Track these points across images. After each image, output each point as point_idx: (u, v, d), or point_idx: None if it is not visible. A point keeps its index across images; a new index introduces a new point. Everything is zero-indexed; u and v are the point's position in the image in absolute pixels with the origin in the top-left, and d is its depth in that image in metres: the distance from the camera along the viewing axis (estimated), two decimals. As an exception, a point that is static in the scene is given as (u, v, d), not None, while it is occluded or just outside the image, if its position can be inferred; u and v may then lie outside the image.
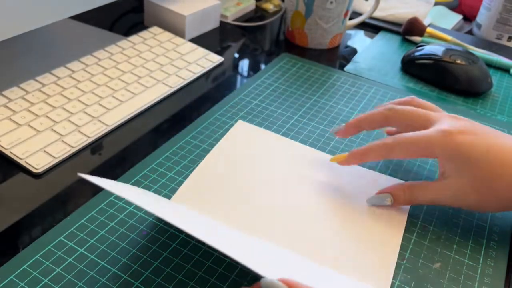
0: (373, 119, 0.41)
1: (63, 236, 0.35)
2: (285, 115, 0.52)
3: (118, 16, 0.70)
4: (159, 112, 0.50)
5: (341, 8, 0.64)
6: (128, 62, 0.55)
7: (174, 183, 0.41)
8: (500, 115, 0.57)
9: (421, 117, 0.40)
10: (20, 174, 0.41)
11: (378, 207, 0.41)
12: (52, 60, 0.56)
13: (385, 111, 0.40)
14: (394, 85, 0.60)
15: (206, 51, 0.61)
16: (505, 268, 0.37)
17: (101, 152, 0.44)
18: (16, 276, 0.32)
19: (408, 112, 0.40)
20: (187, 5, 0.65)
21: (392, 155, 0.39)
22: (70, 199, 0.39)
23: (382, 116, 0.40)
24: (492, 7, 0.74)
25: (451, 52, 0.60)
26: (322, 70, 0.62)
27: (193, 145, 0.46)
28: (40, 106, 0.46)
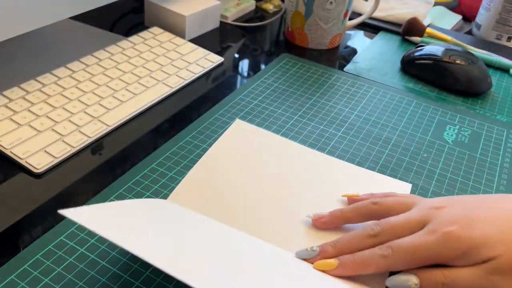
0: (357, 249, 0.35)
1: (63, 236, 0.36)
2: (285, 115, 0.52)
3: (118, 16, 0.70)
4: (159, 112, 0.51)
5: (341, 8, 0.64)
6: (128, 62, 0.55)
7: (174, 183, 0.41)
8: (499, 115, 0.57)
9: (411, 227, 0.35)
10: (20, 174, 0.41)
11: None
12: (52, 60, 0.56)
13: (369, 239, 0.35)
14: (394, 85, 0.61)
15: (206, 52, 0.61)
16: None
17: (102, 152, 0.44)
18: (16, 276, 0.32)
19: (394, 230, 0.35)
20: (187, 5, 0.65)
21: (394, 269, 0.34)
22: (70, 199, 0.39)
23: (368, 245, 0.35)
24: (492, 7, 0.74)
25: (450, 52, 0.61)
26: (322, 70, 0.62)
27: (193, 145, 0.46)
28: (41, 106, 0.46)
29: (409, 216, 0.35)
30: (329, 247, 0.35)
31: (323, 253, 0.35)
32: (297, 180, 0.43)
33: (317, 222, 0.38)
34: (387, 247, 0.34)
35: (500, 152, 0.50)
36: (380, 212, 0.37)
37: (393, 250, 0.33)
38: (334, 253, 0.35)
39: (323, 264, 0.35)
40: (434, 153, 0.49)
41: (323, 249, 0.35)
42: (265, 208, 0.39)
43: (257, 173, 0.43)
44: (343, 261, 0.34)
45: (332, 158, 0.46)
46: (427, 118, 0.55)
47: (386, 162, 0.47)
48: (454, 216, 0.34)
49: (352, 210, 0.38)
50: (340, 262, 0.34)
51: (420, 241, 0.33)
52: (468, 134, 0.53)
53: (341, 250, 0.35)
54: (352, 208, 0.38)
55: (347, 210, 0.38)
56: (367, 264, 0.34)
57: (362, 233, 0.35)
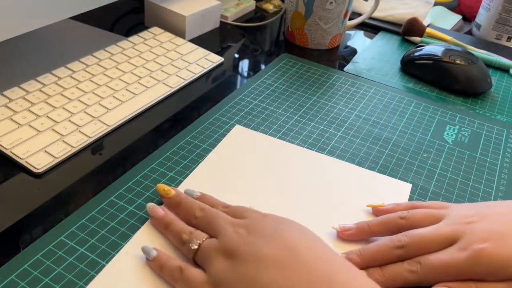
0: (383, 259, 0.35)
1: (63, 235, 0.36)
2: (285, 115, 0.52)
3: (118, 16, 0.70)
4: (160, 112, 0.51)
5: (341, 8, 0.65)
6: (128, 63, 0.55)
7: (174, 183, 0.41)
8: (499, 115, 0.57)
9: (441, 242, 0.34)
10: (21, 174, 0.41)
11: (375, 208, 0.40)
12: (52, 60, 0.56)
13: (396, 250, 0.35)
14: (394, 85, 0.61)
15: (206, 52, 0.61)
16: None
17: (102, 152, 0.44)
18: (17, 276, 0.32)
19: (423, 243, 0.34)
20: (187, 5, 0.65)
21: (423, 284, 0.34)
22: (70, 199, 0.39)
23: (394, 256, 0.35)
24: (492, 7, 0.74)
25: (450, 52, 0.61)
26: (322, 71, 0.62)
27: (193, 145, 0.46)
28: (41, 106, 0.46)
29: (438, 230, 0.35)
30: (355, 256, 0.35)
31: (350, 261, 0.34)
32: (297, 182, 0.43)
33: (343, 234, 0.37)
34: (416, 262, 0.33)
35: (500, 152, 0.50)
36: (408, 227, 0.36)
37: (422, 266, 0.33)
38: (360, 263, 0.35)
39: None
40: (434, 153, 0.49)
41: (349, 257, 0.35)
42: (266, 211, 0.39)
43: (257, 176, 0.43)
44: (372, 275, 0.34)
45: (332, 159, 0.46)
46: (427, 118, 0.55)
47: (386, 162, 0.47)
48: (486, 232, 0.33)
49: (379, 224, 0.37)
50: (368, 275, 0.34)
51: (451, 258, 0.32)
52: (468, 134, 0.53)
53: (367, 260, 0.35)
54: (379, 222, 0.37)
55: (374, 224, 0.37)
56: (395, 278, 0.33)
57: (389, 244, 0.35)
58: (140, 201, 0.39)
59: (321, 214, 0.40)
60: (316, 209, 0.40)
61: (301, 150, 0.47)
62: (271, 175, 0.43)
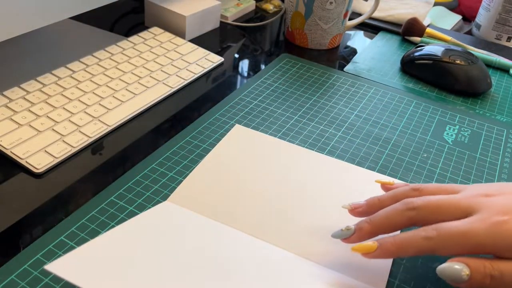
0: (395, 224, 0.33)
1: (63, 235, 0.36)
2: (285, 115, 0.52)
3: (118, 16, 0.70)
4: (160, 112, 0.51)
5: (341, 8, 0.65)
6: (128, 63, 0.55)
7: (174, 183, 0.41)
8: (499, 115, 0.57)
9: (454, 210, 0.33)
10: (21, 174, 0.41)
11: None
12: (52, 60, 0.56)
13: (407, 212, 0.33)
14: (394, 85, 0.61)
15: (206, 52, 0.61)
16: (504, 268, 0.37)
17: (102, 152, 0.44)
18: (17, 276, 0.32)
19: (435, 208, 0.33)
20: (187, 5, 0.65)
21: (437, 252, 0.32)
22: (70, 199, 0.39)
23: (406, 219, 0.33)
24: (492, 7, 0.74)
25: (450, 52, 0.61)
26: (322, 71, 0.62)
27: (193, 145, 0.46)
28: (41, 106, 0.46)
29: (455, 198, 0.33)
30: (365, 224, 0.33)
31: (359, 231, 0.33)
32: (297, 181, 0.43)
33: (354, 212, 0.36)
34: (432, 229, 0.31)
35: (500, 152, 0.50)
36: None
37: (439, 233, 0.31)
38: (370, 230, 0.33)
39: (362, 248, 0.33)
40: (434, 153, 0.49)
41: (359, 226, 0.33)
42: (266, 210, 0.39)
43: (257, 175, 0.43)
44: (383, 243, 0.32)
45: (332, 159, 0.46)
46: (427, 118, 0.55)
47: (386, 162, 0.47)
48: (506, 206, 0.31)
49: (390, 197, 0.35)
50: (379, 244, 0.32)
51: (471, 228, 0.30)
52: (468, 134, 0.53)
53: (377, 226, 0.33)
54: (390, 196, 0.36)
55: (385, 198, 0.36)
56: (408, 246, 0.31)
57: (399, 207, 0.33)
58: (140, 201, 0.39)
59: (321, 214, 0.40)
60: (316, 208, 0.40)
61: (301, 150, 0.47)
62: (271, 175, 0.43)
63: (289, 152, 0.46)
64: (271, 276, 0.33)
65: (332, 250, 0.36)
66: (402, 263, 0.37)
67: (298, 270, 0.34)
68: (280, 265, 0.34)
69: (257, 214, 0.39)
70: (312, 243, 0.37)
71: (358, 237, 0.34)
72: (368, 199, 0.36)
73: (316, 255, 0.36)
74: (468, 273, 0.30)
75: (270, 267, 0.34)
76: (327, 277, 0.34)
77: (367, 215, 0.35)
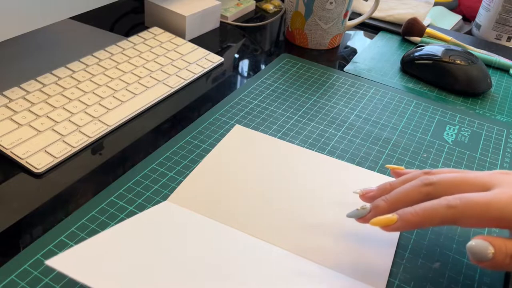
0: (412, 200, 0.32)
1: (64, 235, 0.36)
2: (285, 115, 0.52)
3: (118, 16, 0.70)
4: (160, 112, 0.51)
5: (341, 8, 0.65)
6: (128, 63, 0.55)
7: (174, 183, 0.41)
8: (499, 115, 0.57)
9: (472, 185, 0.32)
10: (21, 174, 0.41)
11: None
12: (52, 60, 0.56)
13: (424, 188, 0.32)
14: (394, 85, 0.61)
15: (206, 52, 0.61)
16: (504, 268, 0.37)
17: (102, 152, 0.44)
18: (17, 276, 0.32)
19: (453, 183, 0.32)
20: (187, 5, 0.65)
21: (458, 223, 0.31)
22: (70, 199, 0.39)
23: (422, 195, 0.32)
24: (492, 7, 0.74)
25: (450, 52, 0.61)
26: (322, 71, 0.62)
27: (193, 145, 0.46)
28: (41, 106, 0.46)
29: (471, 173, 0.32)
30: (381, 201, 0.33)
31: (375, 209, 0.33)
32: (297, 181, 0.43)
33: (365, 197, 0.36)
34: (455, 198, 0.30)
35: (500, 152, 0.50)
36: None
37: (462, 202, 0.30)
38: (387, 208, 0.32)
39: (381, 221, 0.31)
40: (434, 153, 0.49)
41: (375, 205, 0.33)
42: (266, 210, 0.39)
43: (257, 175, 0.43)
44: (403, 215, 0.31)
45: (332, 159, 0.46)
46: (427, 118, 0.55)
47: (386, 162, 0.47)
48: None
49: (402, 182, 0.35)
50: (399, 216, 0.31)
51: (493, 198, 0.30)
52: (468, 134, 0.53)
53: (394, 204, 0.32)
54: (402, 180, 0.35)
55: (396, 183, 0.35)
56: (431, 215, 0.30)
57: (416, 183, 0.32)
58: (140, 201, 0.39)
59: (321, 214, 0.40)
60: (316, 208, 0.40)
61: (301, 150, 0.47)
62: (271, 175, 0.43)
63: (289, 152, 0.46)
64: (270, 276, 0.33)
65: (332, 250, 0.36)
66: (402, 263, 0.37)
67: (298, 270, 0.34)
68: (280, 265, 0.34)
69: (257, 214, 0.39)
70: (312, 243, 0.37)
71: (374, 215, 0.33)
72: (380, 185, 0.36)
73: (316, 255, 0.36)
74: (493, 252, 0.30)
75: (270, 267, 0.34)
76: (327, 277, 0.34)
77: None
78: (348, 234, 0.38)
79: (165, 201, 0.39)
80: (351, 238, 0.38)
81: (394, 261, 0.37)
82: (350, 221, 0.39)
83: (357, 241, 0.37)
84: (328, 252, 0.36)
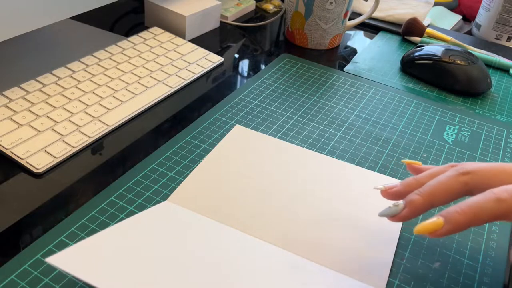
0: (450, 191, 0.29)
1: (64, 235, 0.36)
2: (285, 115, 0.52)
3: (118, 16, 0.70)
4: (160, 112, 0.51)
5: (341, 8, 0.65)
6: (128, 63, 0.55)
7: (174, 183, 0.41)
8: (499, 115, 0.57)
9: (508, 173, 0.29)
10: (21, 174, 0.41)
11: (375, 208, 0.40)
12: (52, 60, 0.56)
13: (461, 177, 0.30)
14: (394, 85, 0.61)
15: (206, 52, 0.61)
16: (504, 268, 0.37)
17: (102, 152, 0.44)
18: (17, 276, 0.32)
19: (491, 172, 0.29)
20: (187, 5, 0.65)
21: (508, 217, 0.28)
22: (71, 198, 0.39)
23: (461, 185, 0.29)
24: (492, 7, 0.74)
25: (450, 52, 0.61)
26: (322, 71, 0.62)
27: (193, 145, 0.46)
28: (41, 106, 0.46)
29: (506, 165, 0.29)
30: (415, 196, 0.30)
31: (410, 205, 0.30)
32: (297, 181, 0.43)
33: (388, 193, 0.33)
34: (502, 190, 0.27)
35: (500, 152, 0.50)
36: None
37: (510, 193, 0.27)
38: (423, 202, 0.29)
39: (427, 227, 0.28)
40: (434, 153, 0.49)
41: (409, 200, 0.30)
42: (266, 210, 0.39)
43: (257, 175, 0.43)
44: (449, 216, 0.28)
45: (332, 159, 0.46)
46: (427, 118, 0.55)
47: (386, 162, 0.47)
48: None
49: (429, 176, 0.32)
50: (446, 218, 0.28)
51: None
52: (468, 134, 0.53)
53: (430, 196, 0.29)
54: (428, 175, 0.32)
55: (422, 177, 0.32)
56: (480, 212, 0.27)
57: (451, 173, 0.29)
58: (140, 201, 0.39)
59: (321, 214, 0.40)
60: (316, 208, 0.40)
61: (301, 150, 0.47)
62: (271, 175, 0.43)
63: (289, 152, 0.46)
64: (270, 276, 0.33)
65: (332, 250, 0.36)
66: (402, 263, 0.37)
67: (298, 270, 0.34)
68: (280, 265, 0.34)
69: (257, 214, 0.39)
70: (312, 243, 0.37)
71: (410, 211, 0.30)
72: (404, 180, 0.33)
73: (316, 255, 0.36)
74: None
75: (270, 267, 0.34)
76: (327, 277, 0.34)
77: (402, 196, 0.32)
78: (348, 234, 0.38)
79: (165, 201, 0.39)
80: (351, 238, 0.38)
81: (394, 261, 0.37)
82: (350, 221, 0.39)
83: (357, 241, 0.37)
84: (328, 252, 0.36)
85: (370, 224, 0.39)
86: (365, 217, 0.40)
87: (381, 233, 0.38)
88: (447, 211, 0.28)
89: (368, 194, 0.42)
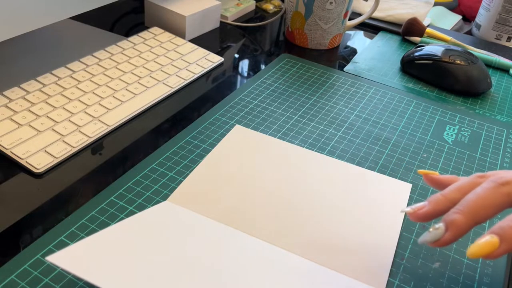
0: (494, 205, 0.27)
1: (64, 235, 0.36)
2: (285, 115, 0.52)
3: (118, 16, 0.70)
4: (160, 112, 0.51)
5: (341, 8, 0.65)
6: (128, 63, 0.55)
7: (174, 183, 0.41)
8: (499, 115, 0.57)
9: None
10: (21, 174, 0.41)
11: (375, 208, 0.41)
12: (52, 60, 0.56)
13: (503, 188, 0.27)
14: (394, 85, 0.61)
15: (206, 52, 0.61)
16: (504, 268, 0.37)
17: (102, 152, 0.44)
18: (17, 276, 0.32)
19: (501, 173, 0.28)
20: (187, 5, 0.65)
21: None
22: (70, 198, 0.39)
23: (504, 197, 0.27)
24: (491, 7, 0.74)
25: (450, 52, 0.61)
26: (321, 71, 0.62)
27: (193, 145, 0.46)
28: (41, 106, 0.46)
29: None
30: (456, 215, 0.27)
31: (452, 225, 0.27)
32: (297, 181, 0.43)
33: (417, 215, 0.30)
34: None
35: (500, 152, 0.50)
36: None
37: None
38: (465, 221, 0.27)
39: (482, 249, 0.26)
40: (434, 153, 0.49)
41: (449, 220, 0.27)
42: (266, 210, 0.39)
43: (257, 175, 0.43)
44: (504, 234, 0.26)
45: (332, 159, 0.46)
46: (427, 118, 0.55)
47: (386, 162, 0.47)
48: None
49: (457, 190, 0.30)
50: (501, 236, 0.26)
51: None
52: (468, 134, 0.53)
53: (473, 213, 0.27)
54: (456, 189, 0.30)
55: (450, 193, 0.30)
56: None
57: (489, 185, 0.27)
58: (140, 201, 0.39)
59: (321, 213, 0.40)
60: (316, 208, 0.40)
61: (301, 150, 0.47)
62: (271, 175, 0.43)
63: (289, 152, 0.46)
64: (270, 276, 0.33)
65: (332, 250, 0.36)
66: (402, 263, 0.37)
67: (298, 270, 0.34)
68: (280, 265, 0.34)
69: (257, 213, 0.39)
70: (311, 243, 0.37)
71: (453, 234, 0.27)
72: (430, 198, 0.31)
73: (316, 255, 0.36)
74: None
75: (270, 266, 0.34)
76: (327, 277, 0.34)
77: (434, 216, 0.30)
78: (348, 234, 0.38)
79: (165, 201, 0.39)
80: (351, 238, 0.38)
81: (394, 261, 0.37)
82: (349, 221, 0.39)
83: (357, 241, 0.37)
84: (328, 252, 0.36)
85: (370, 224, 0.39)
86: (365, 217, 0.40)
87: (381, 233, 0.38)
88: (500, 228, 0.26)
89: (369, 195, 0.42)
